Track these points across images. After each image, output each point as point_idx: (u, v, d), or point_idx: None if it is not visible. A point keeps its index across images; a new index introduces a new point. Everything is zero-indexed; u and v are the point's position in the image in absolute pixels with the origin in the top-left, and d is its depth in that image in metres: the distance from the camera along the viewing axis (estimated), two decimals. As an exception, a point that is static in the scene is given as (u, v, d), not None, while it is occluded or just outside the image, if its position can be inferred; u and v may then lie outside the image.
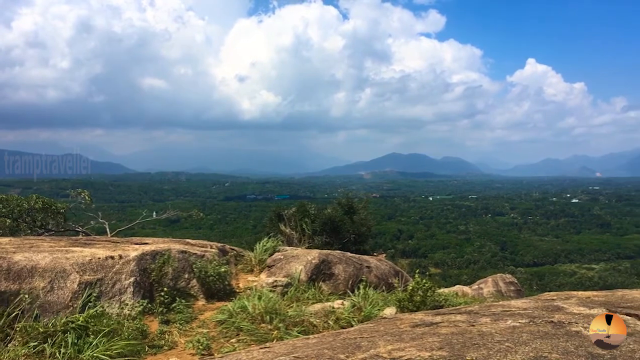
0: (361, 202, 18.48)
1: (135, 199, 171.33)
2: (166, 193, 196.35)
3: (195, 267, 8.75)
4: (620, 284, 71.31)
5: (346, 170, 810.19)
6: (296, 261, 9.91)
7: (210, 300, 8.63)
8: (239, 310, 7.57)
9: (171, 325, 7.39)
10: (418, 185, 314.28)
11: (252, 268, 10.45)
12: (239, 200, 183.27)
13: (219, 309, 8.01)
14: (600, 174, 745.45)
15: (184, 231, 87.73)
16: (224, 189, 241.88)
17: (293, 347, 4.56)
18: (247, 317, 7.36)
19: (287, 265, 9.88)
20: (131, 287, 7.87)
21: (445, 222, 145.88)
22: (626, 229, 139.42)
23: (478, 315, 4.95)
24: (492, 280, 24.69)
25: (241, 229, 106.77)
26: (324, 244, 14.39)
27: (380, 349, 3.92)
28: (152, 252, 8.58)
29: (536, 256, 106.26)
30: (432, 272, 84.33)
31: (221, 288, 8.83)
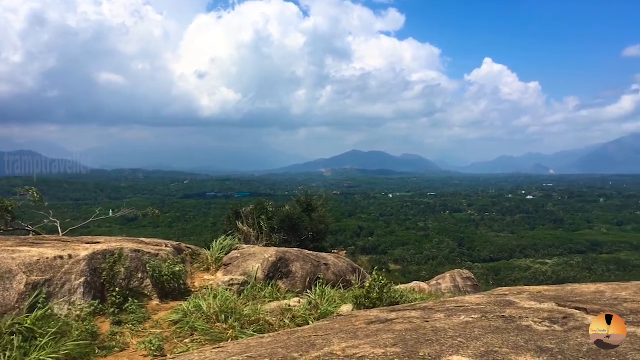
0: (320, 199, 18.47)
1: (91, 197, 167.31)
2: (123, 191, 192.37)
3: (149, 267, 8.55)
4: (572, 278, 73.58)
5: (307, 168, 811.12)
6: (253, 259, 9.81)
7: (165, 300, 8.46)
8: (193, 309, 7.44)
9: (123, 326, 7.21)
10: (378, 183, 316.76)
11: (208, 267, 10.29)
12: (198, 198, 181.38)
13: (173, 308, 7.85)
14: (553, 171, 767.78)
15: (142, 229, 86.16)
16: (183, 186, 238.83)
17: (247, 346, 4.49)
18: (202, 316, 7.24)
19: (244, 264, 9.76)
20: (81, 287, 7.64)
21: (404, 219, 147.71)
22: (578, 224, 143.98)
23: (432, 311, 4.97)
24: (450, 276, 25.04)
25: (201, 227, 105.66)
26: (281, 241, 14.31)
27: (334, 347, 3.88)
28: (103, 252, 8.34)
29: (492, 252, 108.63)
30: (392, 268, 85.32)
31: (176, 287, 8.66)
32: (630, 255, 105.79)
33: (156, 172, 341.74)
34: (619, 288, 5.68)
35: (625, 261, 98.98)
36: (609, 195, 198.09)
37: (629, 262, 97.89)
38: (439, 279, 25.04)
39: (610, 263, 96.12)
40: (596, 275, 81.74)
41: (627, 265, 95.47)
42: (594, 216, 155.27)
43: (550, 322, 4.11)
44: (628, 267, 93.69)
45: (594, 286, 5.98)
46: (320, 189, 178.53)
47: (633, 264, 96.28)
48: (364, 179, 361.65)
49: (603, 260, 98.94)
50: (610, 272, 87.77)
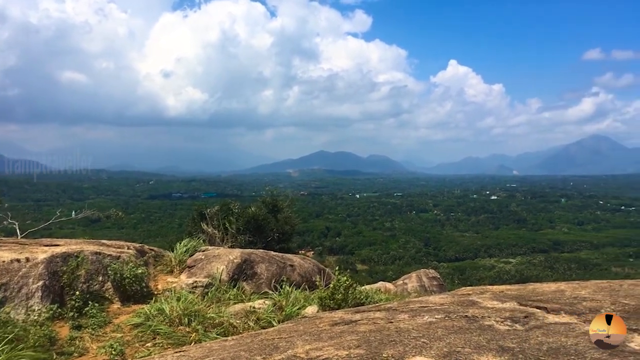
0: (286, 200, 18.40)
1: (53, 198, 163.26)
2: (86, 192, 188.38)
3: (110, 269, 8.38)
4: (534, 277, 75.13)
5: (274, 168, 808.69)
6: (218, 261, 9.69)
7: (126, 304, 8.30)
8: (156, 312, 7.31)
9: (83, 330, 7.04)
10: (345, 183, 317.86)
11: (172, 269, 10.14)
12: (164, 199, 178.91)
13: (135, 312, 7.71)
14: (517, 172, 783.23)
15: (106, 231, 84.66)
16: (148, 187, 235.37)
17: (209, 350, 4.42)
18: (164, 319, 7.12)
19: (208, 265, 9.64)
20: (39, 291, 7.44)
21: (371, 219, 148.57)
22: (540, 224, 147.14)
23: (396, 312, 4.97)
24: (416, 276, 25.25)
25: (166, 228, 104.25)
26: (247, 243, 14.19)
27: (298, 349, 3.84)
28: (63, 254, 8.14)
29: (458, 251, 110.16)
30: (359, 268, 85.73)
31: (138, 290, 8.50)
32: (590, 254, 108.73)
33: (120, 173, 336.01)
34: (578, 287, 5.77)
35: (586, 260, 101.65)
36: (570, 195, 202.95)
37: (589, 261, 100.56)
38: (405, 279, 25.24)
39: (571, 262, 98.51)
40: (558, 274, 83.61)
41: (587, 263, 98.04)
42: (556, 216, 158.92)
43: (512, 322, 4.14)
44: (588, 265, 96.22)
45: (555, 285, 6.07)
46: (287, 190, 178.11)
47: (593, 263, 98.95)
48: (332, 180, 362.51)
49: (564, 259, 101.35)
50: (571, 270, 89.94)
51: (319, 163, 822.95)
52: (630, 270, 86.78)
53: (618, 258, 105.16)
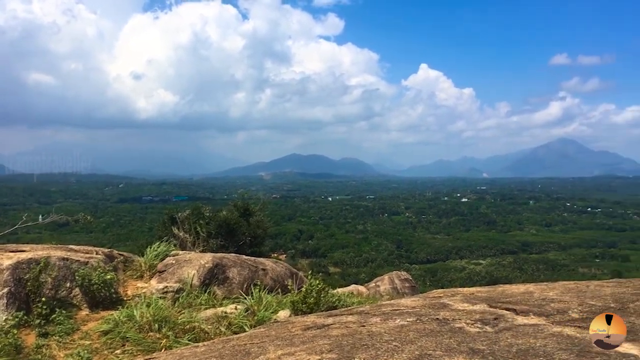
0: (258, 204, 18.33)
1: (19, 202, 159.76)
2: (54, 195, 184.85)
3: (78, 275, 8.21)
4: (504, 278, 76.24)
5: (246, 171, 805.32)
6: (189, 265, 9.59)
7: (95, 310, 8.14)
8: (125, 319, 7.19)
9: (50, 338, 6.88)
10: (318, 186, 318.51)
11: (142, 274, 9.98)
12: (134, 202, 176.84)
13: (104, 318, 7.57)
14: (486, 175, 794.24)
15: (74, 235, 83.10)
16: (118, 190, 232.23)
17: (180, 356, 4.37)
18: (134, 326, 7.00)
19: (179, 270, 9.53)
20: (4, 298, 7.26)
21: (344, 222, 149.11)
22: (510, 226, 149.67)
23: (369, 316, 4.98)
24: (388, 278, 25.38)
25: (136, 232, 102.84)
26: (218, 247, 14.07)
27: (270, 354, 3.82)
28: (29, 260, 7.95)
29: (429, 253, 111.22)
30: (331, 271, 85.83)
31: (107, 296, 8.35)
32: (558, 255, 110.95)
33: (89, 176, 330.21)
34: (546, 288, 5.87)
35: (553, 261, 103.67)
36: (538, 197, 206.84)
37: (556, 262, 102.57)
38: (377, 281, 25.35)
39: (540, 263, 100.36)
40: (526, 275, 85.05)
41: (555, 264, 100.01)
42: (524, 218, 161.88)
43: (482, 324, 4.18)
44: (556, 266, 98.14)
45: (524, 287, 6.15)
46: (259, 193, 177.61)
47: (560, 264, 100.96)
48: (304, 183, 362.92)
49: (533, 260, 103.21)
50: (539, 271, 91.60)
51: (291, 166, 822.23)
52: (597, 271, 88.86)
53: (585, 259, 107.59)
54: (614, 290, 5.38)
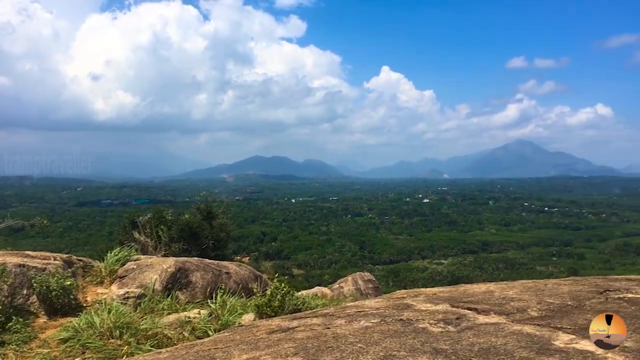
0: (221, 206, 18.14)
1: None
2: (9, 199, 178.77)
3: (35, 282, 7.98)
4: (465, 277, 77.51)
5: (208, 173, 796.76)
6: (150, 270, 9.44)
7: (53, 317, 7.93)
8: (85, 326, 7.02)
9: (6, 347, 6.67)
10: (281, 188, 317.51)
11: (102, 280, 9.78)
12: (92, 206, 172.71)
13: (63, 325, 7.37)
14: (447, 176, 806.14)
15: (30, 240, 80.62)
16: (76, 194, 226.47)
17: (142, 363, 4.29)
18: (94, 333, 6.84)
19: (141, 275, 9.37)
20: (-43, 307, 7.00)
21: (307, 223, 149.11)
22: (470, 226, 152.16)
23: (333, 318, 4.99)
24: (352, 279, 25.48)
25: (95, 236, 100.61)
26: (181, 251, 13.88)
27: (234, 359, 3.79)
28: (-17, 268, 7.69)
29: (392, 254, 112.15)
30: (295, 273, 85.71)
31: (66, 303, 8.15)
32: (517, 254, 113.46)
33: (46, 179, 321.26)
34: (506, 287, 6.00)
35: (512, 259, 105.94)
36: (497, 197, 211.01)
37: (515, 261, 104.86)
38: (341, 283, 25.43)
39: (499, 262, 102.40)
40: (487, 274, 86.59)
41: (514, 263, 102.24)
42: (484, 218, 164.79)
43: (444, 324, 4.25)
44: (515, 265, 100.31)
45: (485, 286, 6.28)
46: (222, 195, 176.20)
47: (519, 262, 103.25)
48: (267, 184, 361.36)
49: (493, 259, 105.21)
50: (499, 270, 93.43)
51: (254, 168, 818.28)
52: (554, 269, 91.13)
53: (542, 257, 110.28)
54: (571, 288, 5.54)
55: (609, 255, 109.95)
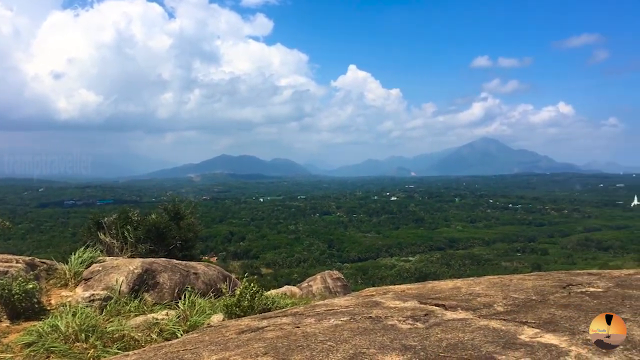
0: (188, 206, 17.95)
1: None
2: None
3: (-3, 286, 7.78)
4: (432, 274, 78.56)
5: (175, 173, 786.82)
6: (117, 272, 9.29)
7: (16, 321, 7.74)
8: (49, 329, 6.86)
9: (-34, 353, 6.48)
10: (249, 187, 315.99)
11: (66, 282, 9.58)
12: (55, 207, 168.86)
13: (26, 330, 7.20)
14: (414, 174, 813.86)
15: (-10, 243, 78.39)
16: (38, 195, 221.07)
17: (109, 366, 4.22)
18: (59, 336, 6.70)
19: (107, 277, 9.21)
20: None
21: (276, 222, 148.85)
22: (437, 223, 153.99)
23: (303, 316, 5.00)
24: (320, 278, 25.52)
25: (58, 238, 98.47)
26: (148, 252, 13.67)
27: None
28: (-59, 272, 7.46)
29: (361, 252, 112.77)
30: (264, 272, 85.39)
31: (29, 306, 7.96)
32: (482, 250, 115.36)
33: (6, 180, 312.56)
34: (473, 283, 6.09)
35: (478, 256, 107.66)
36: (463, 195, 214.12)
37: (481, 257, 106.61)
38: (310, 281, 25.45)
39: (466, 258, 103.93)
40: (454, 270, 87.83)
41: (480, 259, 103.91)
42: (451, 215, 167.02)
43: (413, 320, 4.30)
44: (480, 261, 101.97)
45: (452, 282, 6.36)
46: (189, 195, 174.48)
47: (485, 258, 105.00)
48: (235, 184, 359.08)
49: (459, 256, 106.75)
50: (465, 266, 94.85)
51: (222, 167, 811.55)
52: (518, 265, 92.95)
53: (507, 253, 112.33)
54: (535, 283, 5.66)
55: (571, 251, 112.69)
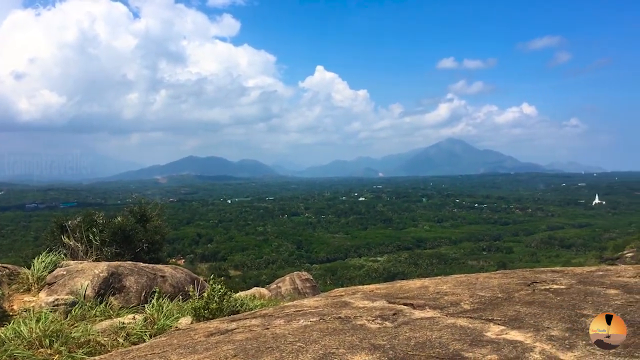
0: (155, 208, 17.69)
1: None
2: None
3: (-44, 292, 7.56)
4: (401, 273, 79.31)
5: (141, 175, 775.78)
6: (81, 276, 9.11)
7: (-23, 328, 7.51)
8: (12, 335, 6.68)
9: None
10: (216, 189, 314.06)
11: (29, 287, 9.35)
12: (16, 210, 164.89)
13: (-12, 337, 6.99)
14: (382, 174, 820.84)
15: (-52, 248, 76.14)
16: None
17: (75, 372, 4.14)
18: (22, 342, 6.52)
19: (71, 281, 9.02)
20: None
21: (244, 224, 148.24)
22: (405, 223, 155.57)
23: (272, 318, 4.99)
24: (289, 279, 25.52)
25: (20, 241, 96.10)
26: (114, 255, 13.42)
27: (172, 364, 3.74)
28: None
29: (329, 252, 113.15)
30: (232, 274, 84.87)
31: (-10, 313, 7.75)
32: (449, 249, 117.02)
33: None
34: (440, 282, 6.17)
35: (445, 255, 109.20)
36: (430, 195, 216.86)
37: (448, 256, 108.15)
38: (279, 283, 25.43)
39: (433, 257, 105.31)
40: (421, 269, 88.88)
41: (447, 258, 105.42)
42: (418, 215, 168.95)
43: (382, 320, 4.33)
44: (447, 260, 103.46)
45: (420, 281, 6.43)
46: (155, 197, 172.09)
47: (452, 257, 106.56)
48: (202, 185, 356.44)
49: (427, 255, 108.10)
50: (433, 265, 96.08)
51: (189, 169, 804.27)
52: (484, 263, 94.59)
53: (473, 252, 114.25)
54: (501, 281, 5.77)
55: (535, 249, 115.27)
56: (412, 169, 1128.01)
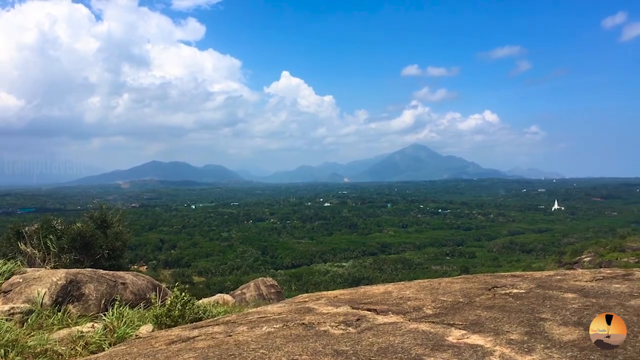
0: (116, 214, 17.37)
1: None
2: None
3: None
4: (365, 279, 79.69)
5: (102, 180, 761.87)
6: (38, 284, 8.86)
7: None
8: (-36, 346, 6.46)
9: None
10: (180, 194, 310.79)
11: (-17, 296, 9.04)
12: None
13: (-62, 348, 6.74)
14: (347, 180, 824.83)
15: None
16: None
17: (30, 383, 4.02)
18: (-25, 354, 6.32)
19: (28, 289, 8.77)
20: None
21: (208, 229, 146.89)
22: (370, 228, 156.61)
23: (235, 325, 4.94)
24: (254, 285, 25.41)
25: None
26: (73, 262, 13.10)
27: (131, 373, 3.66)
28: None
29: (294, 258, 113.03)
30: (195, 280, 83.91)
31: (-59, 323, 7.47)
32: (413, 255, 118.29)
33: None
34: (404, 287, 6.22)
35: (409, 260, 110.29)
36: (395, 200, 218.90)
37: (412, 261, 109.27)
38: (243, 289, 25.30)
39: (397, 262, 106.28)
40: (386, 274, 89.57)
41: (411, 263, 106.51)
42: (383, 220, 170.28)
43: (345, 325, 4.33)
44: (412, 265, 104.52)
45: (383, 287, 6.46)
46: (117, 202, 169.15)
47: (416, 262, 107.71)
48: (165, 191, 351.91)
49: (391, 260, 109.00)
50: (397, 270, 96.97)
51: (152, 174, 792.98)
52: (447, 268, 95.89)
53: (437, 257, 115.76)
54: (463, 286, 5.85)
55: (497, 253, 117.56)
56: (378, 174, 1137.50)
